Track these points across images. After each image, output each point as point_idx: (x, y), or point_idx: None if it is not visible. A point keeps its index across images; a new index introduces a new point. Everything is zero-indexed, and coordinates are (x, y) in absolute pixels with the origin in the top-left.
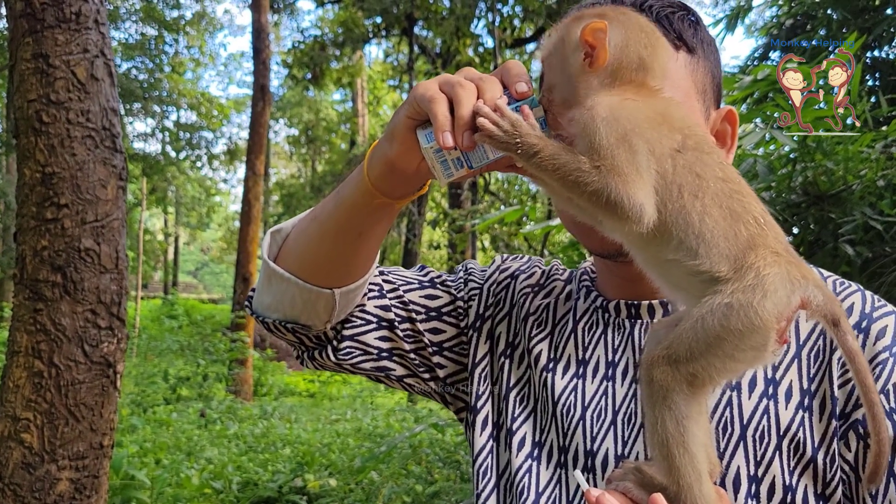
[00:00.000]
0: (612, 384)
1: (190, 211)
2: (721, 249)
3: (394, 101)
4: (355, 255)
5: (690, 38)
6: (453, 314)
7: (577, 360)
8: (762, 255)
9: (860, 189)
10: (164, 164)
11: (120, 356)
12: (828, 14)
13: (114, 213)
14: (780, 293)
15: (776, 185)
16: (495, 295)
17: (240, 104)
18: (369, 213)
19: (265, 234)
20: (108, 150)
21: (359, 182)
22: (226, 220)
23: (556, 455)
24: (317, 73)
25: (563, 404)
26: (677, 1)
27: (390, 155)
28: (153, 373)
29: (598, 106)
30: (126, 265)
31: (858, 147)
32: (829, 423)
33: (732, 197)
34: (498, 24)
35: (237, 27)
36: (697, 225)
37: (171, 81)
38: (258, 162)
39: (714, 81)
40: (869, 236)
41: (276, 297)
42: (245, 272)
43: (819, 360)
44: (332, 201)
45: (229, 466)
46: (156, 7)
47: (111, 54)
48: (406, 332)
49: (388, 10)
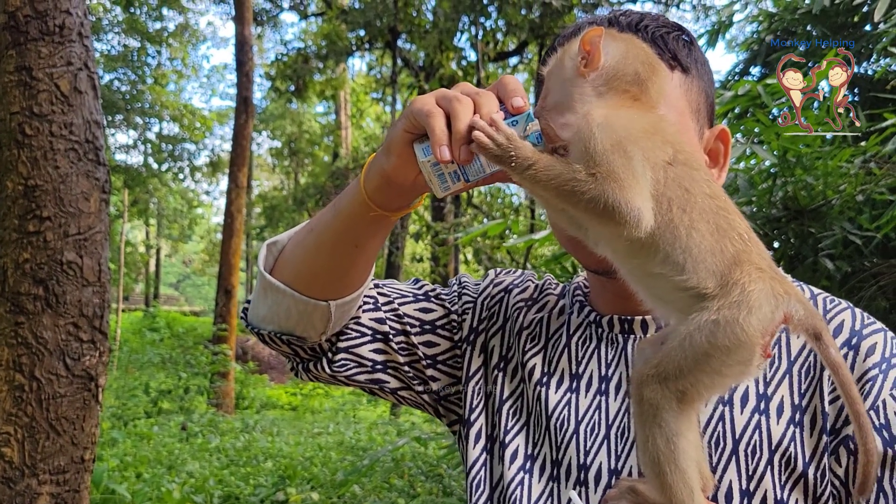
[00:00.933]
0: (606, 399)
1: (172, 223)
2: (708, 265)
3: (377, 113)
4: (351, 268)
5: (685, 58)
6: (447, 327)
7: (571, 374)
8: (747, 271)
9: (840, 204)
10: (146, 175)
11: (102, 369)
12: (807, 30)
13: (96, 226)
14: (764, 309)
15: (757, 200)
16: (489, 309)
17: (223, 116)
18: (365, 225)
19: (251, 248)
20: (91, 162)
21: (355, 194)
22: (208, 232)
23: (549, 468)
24: (300, 85)
25: (556, 418)
26: (672, 21)
27: (387, 168)
28: (134, 386)
29: (592, 113)
30: (108, 278)
31: (838, 162)
32: (819, 438)
33: (718, 213)
34: (481, 37)
35: (220, 39)
36: (685, 239)
37: (153, 93)
38: (241, 174)
39: (707, 101)
40: (848, 251)
41: (271, 309)
42: (227, 284)
43: (810, 377)
44: (329, 213)
45: (211, 480)
46: (139, 19)
47: (95, 67)
48: (400, 344)
49: (372, 24)
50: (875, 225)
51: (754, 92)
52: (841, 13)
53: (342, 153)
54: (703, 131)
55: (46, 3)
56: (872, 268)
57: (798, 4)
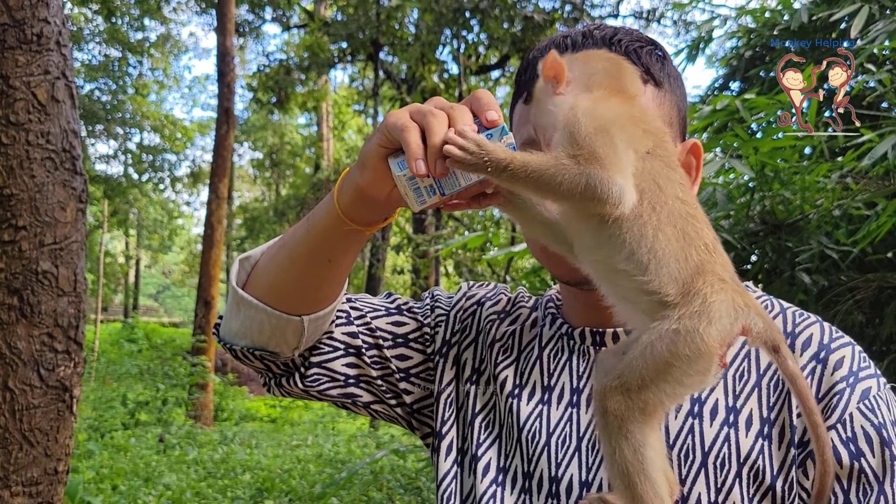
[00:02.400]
0: (577, 411)
1: (152, 234)
2: (671, 270)
3: (359, 125)
4: (324, 282)
5: (658, 72)
6: (420, 340)
7: (543, 386)
8: (710, 281)
9: (817, 218)
10: (126, 186)
11: (77, 380)
12: (785, 47)
13: (73, 236)
14: (724, 320)
15: (735, 214)
16: (462, 321)
17: (204, 127)
18: (339, 239)
19: (231, 259)
20: (68, 172)
21: (329, 209)
22: (188, 243)
23: (521, 481)
24: (282, 97)
25: (528, 430)
26: (645, 36)
27: (361, 183)
28: (111, 397)
29: (579, 103)
30: (85, 288)
31: (815, 177)
32: (787, 451)
33: (687, 220)
34: (463, 50)
35: (202, 50)
36: (651, 239)
37: (134, 103)
38: (221, 185)
39: (680, 115)
40: (825, 265)
41: (244, 324)
42: (207, 296)
43: (779, 390)
44: (302, 228)
45: (188, 493)
46: (120, 29)
47: (73, 76)
48: (373, 358)
49: (354, 36)
50: (852, 240)
51: (732, 107)
52: (819, 30)
53: (324, 165)
54: (676, 144)
55: (24, 12)
56: (849, 282)
57: (777, 20)
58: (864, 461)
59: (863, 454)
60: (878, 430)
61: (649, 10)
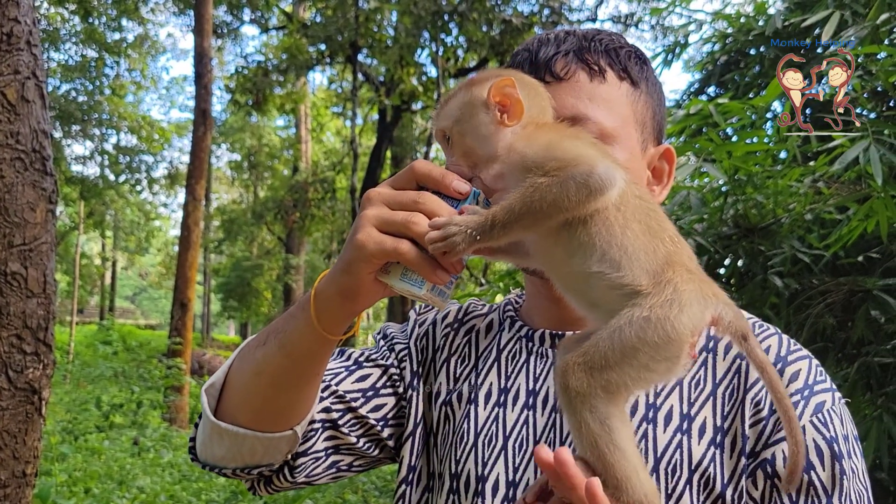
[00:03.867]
0: (533, 413)
1: (128, 235)
2: (642, 263)
3: (337, 127)
4: (312, 392)
5: (636, 73)
6: (388, 384)
7: (500, 388)
8: (679, 272)
9: (789, 222)
10: (102, 187)
11: (46, 382)
12: (761, 52)
13: (42, 237)
14: (694, 308)
15: (708, 218)
16: (422, 349)
17: (182, 128)
18: (323, 355)
19: (207, 259)
20: (38, 172)
21: (309, 332)
22: (165, 245)
23: (474, 484)
24: (260, 98)
25: (485, 434)
26: (628, 42)
27: (355, 308)
28: (86, 399)
29: (515, 144)
30: (54, 289)
31: (787, 181)
32: (738, 460)
33: (649, 215)
34: (441, 53)
35: (180, 51)
36: (620, 237)
37: (111, 104)
38: (198, 186)
39: (655, 118)
40: (797, 268)
41: (230, 450)
42: (183, 298)
43: (733, 399)
44: (278, 355)
45: (162, 496)
46: (97, 29)
47: (43, 76)
48: (349, 423)
49: (333, 38)
50: (824, 244)
51: (706, 111)
52: (793, 35)
53: (302, 167)
54: (647, 146)
55: None
56: (820, 285)
57: (752, 26)
58: (813, 474)
59: (813, 467)
60: (829, 443)
61: (627, 15)
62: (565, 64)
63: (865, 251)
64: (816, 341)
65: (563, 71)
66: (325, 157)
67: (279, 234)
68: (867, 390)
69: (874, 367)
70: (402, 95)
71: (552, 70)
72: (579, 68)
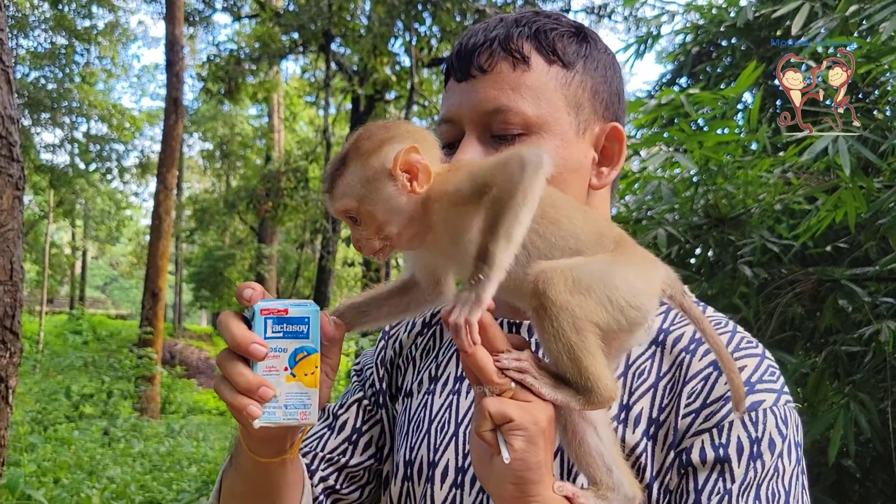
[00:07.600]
0: None
1: (99, 224)
2: (599, 240)
3: (310, 117)
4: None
5: (569, 54)
6: (366, 418)
7: (455, 377)
8: (631, 244)
9: (759, 213)
10: (72, 176)
11: (13, 371)
12: (732, 44)
13: (9, 224)
14: (661, 268)
15: (679, 208)
16: (389, 362)
17: (153, 117)
18: (281, 474)
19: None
20: (5, 158)
21: (252, 461)
22: (136, 234)
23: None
24: (232, 87)
25: (438, 421)
26: (568, 20)
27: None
28: (55, 389)
29: (435, 191)
30: (22, 277)
31: (757, 172)
32: (667, 454)
33: (579, 209)
34: (415, 43)
35: (151, 39)
36: (567, 226)
37: (81, 92)
38: (170, 175)
39: (598, 97)
40: (767, 258)
41: None
42: (154, 287)
43: (672, 392)
44: (239, 481)
45: (132, 486)
46: (67, 16)
47: (10, 61)
48: (345, 481)
49: (306, 27)
50: (793, 234)
51: (677, 102)
52: (764, 27)
53: (275, 156)
54: (590, 125)
55: None
56: (789, 275)
57: (723, 17)
58: (727, 467)
59: (729, 460)
60: (752, 442)
61: (600, 6)
62: (489, 56)
63: (834, 241)
64: (785, 330)
65: (487, 63)
66: (298, 147)
67: (251, 223)
68: (835, 379)
69: (841, 355)
70: (375, 85)
71: (477, 63)
72: (501, 59)
